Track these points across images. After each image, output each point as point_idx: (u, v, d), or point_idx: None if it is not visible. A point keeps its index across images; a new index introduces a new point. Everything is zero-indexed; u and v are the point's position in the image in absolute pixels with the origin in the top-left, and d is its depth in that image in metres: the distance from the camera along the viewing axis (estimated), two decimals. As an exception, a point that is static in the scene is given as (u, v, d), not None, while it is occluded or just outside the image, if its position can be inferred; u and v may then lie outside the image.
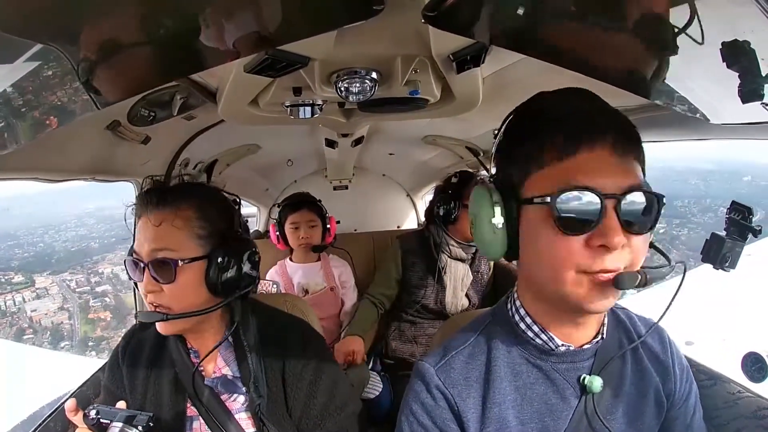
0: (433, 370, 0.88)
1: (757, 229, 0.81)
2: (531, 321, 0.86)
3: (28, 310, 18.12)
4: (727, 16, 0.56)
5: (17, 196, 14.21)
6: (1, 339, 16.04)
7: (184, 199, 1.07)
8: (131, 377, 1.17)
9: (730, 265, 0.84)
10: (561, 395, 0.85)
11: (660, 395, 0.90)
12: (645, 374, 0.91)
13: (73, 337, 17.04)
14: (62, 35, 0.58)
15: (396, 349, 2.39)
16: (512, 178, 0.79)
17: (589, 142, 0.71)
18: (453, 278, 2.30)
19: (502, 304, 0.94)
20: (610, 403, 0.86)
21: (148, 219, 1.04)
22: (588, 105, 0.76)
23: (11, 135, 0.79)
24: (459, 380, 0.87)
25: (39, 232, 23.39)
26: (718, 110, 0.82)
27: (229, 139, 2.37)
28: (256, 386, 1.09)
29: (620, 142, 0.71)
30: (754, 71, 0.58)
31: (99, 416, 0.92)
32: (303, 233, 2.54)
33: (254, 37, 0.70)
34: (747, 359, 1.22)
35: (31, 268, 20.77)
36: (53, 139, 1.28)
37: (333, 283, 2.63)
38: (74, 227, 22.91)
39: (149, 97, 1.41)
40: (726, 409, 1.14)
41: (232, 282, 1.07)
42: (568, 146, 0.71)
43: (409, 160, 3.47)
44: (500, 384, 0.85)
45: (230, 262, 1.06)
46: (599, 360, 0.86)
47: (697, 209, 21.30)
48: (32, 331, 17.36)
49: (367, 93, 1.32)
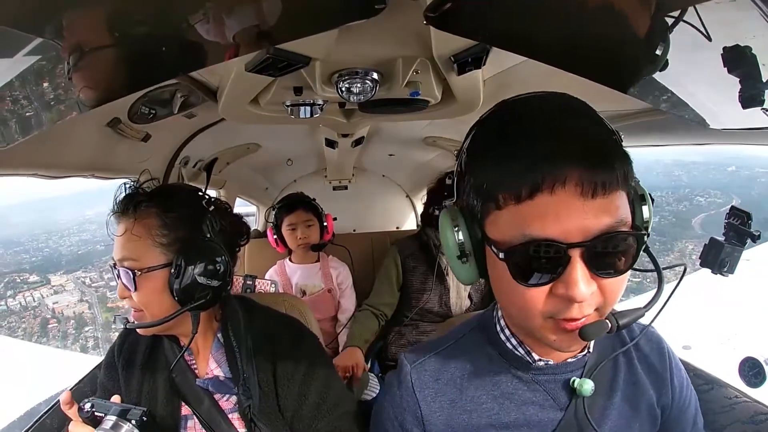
0: (408, 368, 0.87)
1: (755, 234, 0.81)
2: (510, 333, 0.84)
3: (50, 303, 19.25)
4: (729, 21, 0.56)
5: (14, 205, 14.45)
6: (28, 328, 17.59)
7: (147, 206, 1.06)
8: (127, 375, 1.17)
9: (728, 270, 0.84)
10: (540, 406, 0.82)
11: (653, 409, 0.87)
12: (638, 386, 0.87)
13: (95, 322, 18.28)
14: (63, 30, 0.57)
15: (396, 352, 2.37)
16: (474, 209, 0.71)
17: (550, 183, 0.60)
18: (455, 279, 2.29)
19: (490, 310, 0.91)
20: (600, 411, 0.83)
21: (119, 227, 1.06)
22: (553, 129, 0.64)
23: (11, 131, 0.79)
24: (429, 382, 0.85)
25: (43, 238, 23.92)
26: (718, 115, 0.82)
27: (229, 137, 2.37)
28: (246, 387, 1.09)
29: (588, 179, 0.60)
30: (755, 76, 0.58)
31: (93, 409, 0.93)
32: (300, 233, 2.54)
33: (255, 34, 0.70)
34: (744, 364, 1.22)
35: (44, 270, 21.45)
36: (53, 136, 1.28)
37: (331, 284, 2.63)
38: (77, 233, 23.50)
39: (150, 95, 1.41)
40: (723, 413, 1.14)
41: (193, 289, 1.03)
42: (524, 189, 0.61)
43: (409, 161, 3.48)
44: (474, 392, 0.83)
45: (188, 270, 1.03)
46: (590, 365, 0.83)
47: (673, 199, 21.46)
48: (56, 321, 18.57)
49: (368, 93, 1.32)
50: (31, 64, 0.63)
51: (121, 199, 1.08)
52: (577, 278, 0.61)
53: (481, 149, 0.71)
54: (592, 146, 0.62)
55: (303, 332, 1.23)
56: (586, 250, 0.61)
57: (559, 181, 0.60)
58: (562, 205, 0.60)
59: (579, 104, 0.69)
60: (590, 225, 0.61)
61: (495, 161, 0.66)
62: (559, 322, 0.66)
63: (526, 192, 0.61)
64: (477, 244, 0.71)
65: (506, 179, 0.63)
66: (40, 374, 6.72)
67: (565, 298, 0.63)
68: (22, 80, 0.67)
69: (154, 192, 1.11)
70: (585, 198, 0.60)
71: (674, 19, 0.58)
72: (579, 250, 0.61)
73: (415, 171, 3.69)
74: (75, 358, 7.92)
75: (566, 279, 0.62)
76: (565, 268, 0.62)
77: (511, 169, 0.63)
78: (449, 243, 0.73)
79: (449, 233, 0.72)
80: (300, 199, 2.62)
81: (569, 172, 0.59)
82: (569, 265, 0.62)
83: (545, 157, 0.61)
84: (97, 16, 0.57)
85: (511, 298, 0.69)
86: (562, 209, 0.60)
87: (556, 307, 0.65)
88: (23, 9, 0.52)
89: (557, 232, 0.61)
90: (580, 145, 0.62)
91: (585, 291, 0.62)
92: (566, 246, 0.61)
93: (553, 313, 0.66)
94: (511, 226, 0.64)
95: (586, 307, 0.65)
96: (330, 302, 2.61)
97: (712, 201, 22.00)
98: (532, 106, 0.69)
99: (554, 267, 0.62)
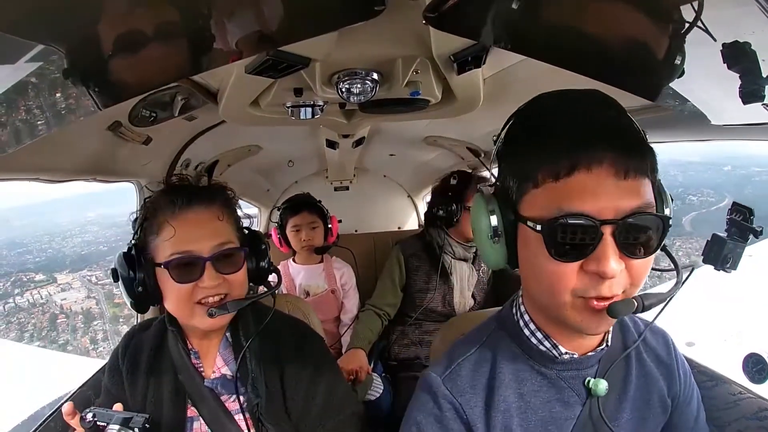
0: (439, 380, 0.85)
1: (757, 230, 0.81)
2: (535, 327, 0.85)
3: (58, 300, 19.88)
4: (729, 17, 0.56)
5: (15, 208, 14.65)
6: (38, 324, 18.69)
7: (215, 196, 1.11)
8: (131, 378, 1.17)
9: (731, 266, 0.84)
10: (566, 403, 0.83)
11: (664, 398, 0.90)
12: (649, 378, 0.90)
13: (103, 316, 19.01)
14: (64, 36, 0.58)
15: (399, 352, 2.38)
16: (509, 191, 0.76)
17: (587, 162, 0.65)
18: (459, 278, 2.29)
19: (508, 309, 0.92)
20: (614, 408, 0.85)
21: (186, 218, 1.04)
22: (589, 116, 0.70)
23: (13, 135, 0.79)
24: (466, 388, 0.84)
25: (45, 239, 24.18)
26: (718, 111, 0.82)
27: (230, 139, 2.37)
28: (254, 386, 1.10)
29: (622, 161, 0.65)
30: (755, 72, 0.58)
31: (96, 419, 0.92)
32: (305, 235, 2.54)
33: (256, 37, 0.70)
34: (748, 360, 1.22)
35: (49, 269, 21.93)
36: (55, 140, 1.28)
37: (334, 285, 2.62)
38: (79, 234, 23.68)
39: (150, 98, 1.41)
40: (727, 410, 1.14)
41: (266, 270, 1.16)
42: (563, 167, 0.67)
43: (410, 160, 3.47)
44: (504, 391, 0.84)
45: (265, 251, 1.16)
46: (603, 364, 0.85)
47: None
48: (65, 316, 19.23)
49: (368, 94, 1.32)
50: (33, 69, 0.63)
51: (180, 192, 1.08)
52: (609, 254, 0.66)
53: (521, 134, 0.77)
54: (625, 133, 0.69)
55: (309, 334, 1.23)
56: (617, 228, 0.66)
57: (596, 161, 0.65)
58: (597, 183, 0.65)
59: (611, 99, 0.73)
60: (622, 204, 0.65)
61: (535, 143, 0.72)
62: (588, 300, 0.70)
63: (565, 170, 0.66)
64: (509, 225, 0.76)
65: (546, 159, 0.68)
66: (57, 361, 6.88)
67: (596, 275, 0.67)
68: (23, 86, 0.67)
69: (214, 185, 1.18)
70: (618, 178, 0.65)
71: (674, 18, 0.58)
72: (611, 227, 0.66)
73: (416, 171, 3.69)
74: (87, 347, 8.39)
75: (598, 255, 0.66)
76: (597, 244, 0.66)
77: (551, 149, 0.68)
78: (482, 225, 0.77)
79: (482, 215, 0.77)
80: (305, 201, 2.60)
81: (605, 154, 0.65)
82: (601, 241, 0.66)
83: (584, 139, 0.66)
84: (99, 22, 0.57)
85: (541, 275, 0.73)
86: (598, 186, 0.65)
87: (587, 284, 0.69)
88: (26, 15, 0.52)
89: (592, 208, 0.65)
90: (616, 131, 0.68)
91: (615, 267, 0.66)
92: (600, 222, 0.65)
93: (583, 291, 0.69)
94: (548, 202, 0.68)
95: (615, 286, 0.68)
96: (333, 303, 2.61)
97: (704, 200, 22.01)
98: (569, 98, 0.74)
99: (587, 242, 0.66)
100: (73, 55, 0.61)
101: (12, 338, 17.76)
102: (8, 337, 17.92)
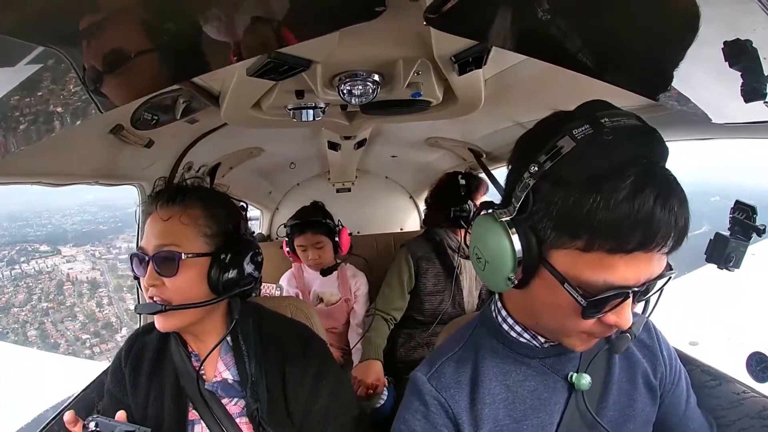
0: (424, 378, 0.89)
1: (761, 229, 0.81)
2: (513, 322, 0.88)
3: (65, 269, 20.86)
4: (729, 15, 0.56)
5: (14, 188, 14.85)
6: (45, 288, 19.84)
7: (193, 198, 1.11)
8: (134, 381, 1.17)
9: (734, 265, 0.83)
10: (552, 388, 0.87)
11: (650, 379, 0.93)
12: (632, 360, 0.93)
13: (107, 286, 20.04)
14: (65, 38, 0.58)
15: (406, 354, 2.36)
16: (539, 231, 0.72)
17: (650, 248, 0.66)
18: (468, 278, 2.28)
19: (488, 308, 0.95)
20: (600, 394, 0.88)
21: (157, 215, 1.08)
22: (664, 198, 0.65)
23: (14, 139, 0.79)
24: (450, 384, 0.87)
25: (45, 215, 24.46)
26: (720, 109, 0.82)
27: (232, 142, 2.37)
28: (254, 390, 1.10)
29: (675, 245, 0.69)
30: (757, 70, 0.58)
31: (98, 429, 0.92)
32: (311, 255, 2.48)
33: (256, 39, 0.70)
34: (752, 359, 1.21)
35: (53, 242, 22.37)
36: (56, 144, 1.29)
37: (348, 294, 2.59)
38: (78, 213, 23.92)
39: (152, 101, 1.41)
40: (731, 409, 1.14)
41: (234, 281, 1.09)
42: (626, 249, 0.66)
43: (412, 162, 3.47)
44: (489, 384, 0.86)
45: (233, 261, 1.08)
46: (586, 355, 0.87)
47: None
48: (70, 284, 20.29)
49: (370, 95, 1.32)
50: (34, 72, 0.63)
51: (160, 190, 1.15)
52: (629, 313, 0.72)
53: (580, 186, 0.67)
54: (685, 227, 0.69)
55: (312, 337, 1.23)
56: (639, 293, 0.71)
57: (657, 247, 0.67)
58: (646, 261, 0.68)
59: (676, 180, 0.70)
60: (653, 273, 0.70)
61: (605, 209, 0.65)
62: (592, 336, 0.77)
63: (628, 248, 0.66)
64: (530, 264, 0.73)
65: (611, 233, 0.66)
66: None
67: (612, 326, 0.73)
68: (25, 89, 0.67)
69: (197, 187, 1.18)
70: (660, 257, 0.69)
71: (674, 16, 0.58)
72: (637, 293, 0.71)
73: (417, 172, 3.69)
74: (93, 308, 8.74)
75: (619, 313, 0.72)
76: (621, 305, 0.71)
77: (622, 224, 0.65)
78: (499, 254, 0.74)
79: (504, 244, 0.73)
80: (308, 221, 2.48)
81: (667, 239, 0.67)
82: (625, 302, 0.71)
83: (657, 227, 0.65)
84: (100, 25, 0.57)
85: (557, 317, 0.77)
86: (645, 264, 0.69)
87: (599, 329, 0.75)
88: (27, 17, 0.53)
89: (634, 281, 0.69)
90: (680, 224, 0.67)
91: (630, 319, 0.73)
92: (633, 292, 0.70)
93: (593, 332, 0.76)
94: (593, 270, 0.69)
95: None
96: (346, 311, 2.59)
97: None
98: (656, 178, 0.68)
99: (615, 305, 0.71)
100: (75, 58, 0.62)
101: (20, 300, 18.81)
102: (17, 298, 18.97)
